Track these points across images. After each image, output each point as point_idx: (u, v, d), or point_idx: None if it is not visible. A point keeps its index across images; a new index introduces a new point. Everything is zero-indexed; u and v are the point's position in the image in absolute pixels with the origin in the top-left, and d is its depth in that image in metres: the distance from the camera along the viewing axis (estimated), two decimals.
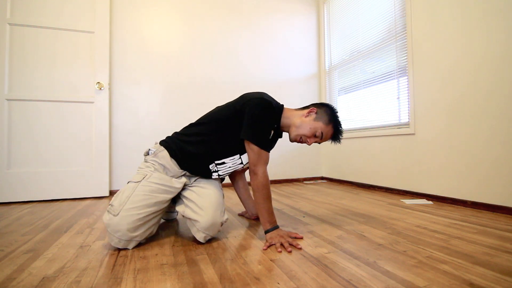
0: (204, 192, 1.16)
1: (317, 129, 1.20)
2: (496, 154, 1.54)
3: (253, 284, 0.77)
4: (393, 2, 2.24)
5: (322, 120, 1.20)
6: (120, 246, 1.03)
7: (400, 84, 2.18)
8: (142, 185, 1.09)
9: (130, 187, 1.09)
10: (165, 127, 2.55)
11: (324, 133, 1.21)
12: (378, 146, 2.37)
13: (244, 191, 1.49)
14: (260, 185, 1.11)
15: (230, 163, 1.24)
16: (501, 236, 1.13)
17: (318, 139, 1.22)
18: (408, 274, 0.80)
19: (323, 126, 1.20)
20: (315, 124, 1.20)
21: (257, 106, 1.12)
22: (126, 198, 1.05)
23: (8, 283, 0.79)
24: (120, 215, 1.01)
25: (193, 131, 1.23)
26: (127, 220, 1.01)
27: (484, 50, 1.59)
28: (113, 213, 1.02)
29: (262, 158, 1.13)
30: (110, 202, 1.09)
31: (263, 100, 1.13)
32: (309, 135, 1.20)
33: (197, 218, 1.08)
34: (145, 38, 2.52)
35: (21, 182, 2.07)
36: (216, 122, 1.20)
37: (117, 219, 1.01)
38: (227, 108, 1.22)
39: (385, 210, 1.63)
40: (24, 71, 2.12)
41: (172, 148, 1.20)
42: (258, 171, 1.12)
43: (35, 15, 2.15)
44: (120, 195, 1.07)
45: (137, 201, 1.05)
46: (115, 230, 1.01)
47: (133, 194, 1.06)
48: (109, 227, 1.01)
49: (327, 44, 3.12)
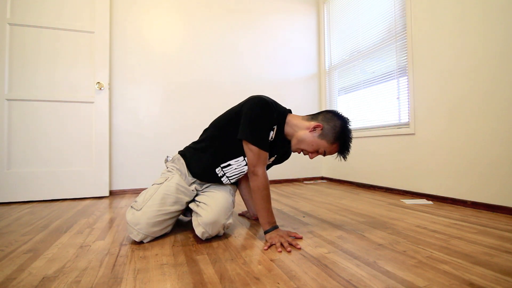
0: (214, 195, 1.20)
1: (320, 147, 1.14)
2: (496, 154, 1.54)
3: (253, 284, 0.77)
4: (393, 2, 2.23)
5: (327, 139, 1.13)
6: (138, 239, 1.10)
7: (400, 84, 2.18)
8: (164, 185, 1.18)
9: (154, 187, 1.19)
10: (165, 127, 2.55)
11: (327, 151, 1.16)
12: (378, 146, 2.37)
13: (247, 192, 1.50)
14: (261, 185, 1.11)
15: (235, 165, 1.24)
16: (501, 236, 1.13)
17: (321, 154, 1.19)
18: (408, 274, 0.80)
19: (326, 145, 1.14)
20: (318, 142, 1.14)
21: (253, 105, 1.11)
22: (149, 196, 1.15)
23: (8, 283, 0.79)
24: (142, 210, 1.11)
25: (202, 137, 1.29)
26: (148, 215, 1.10)
27: (484, 50, 1.59)
28: (136, 208, 1.12)
29: (261, 158, 1.12)
30: (135, 199, 1.19)
31: (260, 99, 1.12)
32: (311, 151, 1.16)
33: (200, 212, 1.12)
34: (145, 38, 2.52)
35: (21, 182, 2.07)
36: (218, 126, 1.24)
37: (139, 213, 1.10)
38: (229, 112, 1.24)
39: (385, 210, 1.63)
40: (24, 71, 2.12)
41: (186, 156, 1.29)
42: (257, 172, 1.12)
43: (35, 15, 2.15)
44: (144, 193, 1.17)
45: (159, 199, 1.14)
46: (136, 223, 1.09)
47: (156, 193, 1.16)
48: (131, 220, 1.10)
49: (327, 44, 3.12)
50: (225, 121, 1.22)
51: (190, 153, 1.29)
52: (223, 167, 1.23)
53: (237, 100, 2.79)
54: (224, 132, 1.20)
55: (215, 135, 1.23)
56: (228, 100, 2.76)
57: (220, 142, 1.21)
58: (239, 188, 1.49)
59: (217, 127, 1.24)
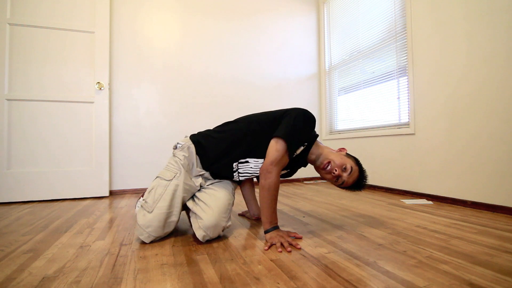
0: (215, 194, 1.18)
1: (347, 163, 1.20)
2: (496, 154, 1.54)
3: (253, 284, 0.77)
4: (393, 2, 2.23)
5: (352, 159, 1.24)
6: (148, 241, 1.10)
7: (400, 84, 2.18)
8: (173, 184, 1.14)
9: (162, 184, 1.14)
10: (165, 126, 2.55)
11: (353, 170, 1.20)
12: (378, 146, 2.37)
13: (250, 192, 1.50)
14: (272, 185, 1.11)
15: (253, 164, 1.23)
16: (501, 236, 1.13)
17: (345, 174, 1.20)
18: (408, 274, 0.80)
19: (353, 164, 1.22)
20: (346, 159, 1.22)
21: (300, 114, 1.18)
22: (159, 196, 1.12)
23: (8, 283, 0.79)
24: (154, 212, 1.09)
25: (230, 127, 1.27)
26: (159, 217, 1.09)
27: (485, 49, 1.59)
28: (147, 210, 1.10)
29: (282, 160, 1.13)
30: (143, 197, 1.16)
31: (308, 112, 1.20)
32: (339, 164, 1.20)
33: (202, 215, 1.11)
34: (145, 38, 2.52)
35: (21, 182, 2.07)
36: (255, 123, 1.24)
37: (151, 216, 1.09)
38: (268, 114, 1.26)
39: (385, 210, 1.63)
40: (24, 71, 2.12)
41: (201, 143, 1.24)
42: (273, 170, 1.11)
43: (35, 15, 2.15)
44: (153, 192, 1.13)
45: (169, 200, 1.12)
46: (147, 226, 1.08)
47: (165, 193, 1.12)
48: (142, 222, 1.08)
49: (327, 44, 3.12)
50: (263, 122, 1.23)
51: (207, 141, 1.24)
52: (241, 162, 1.23)
53: (237, 100, 2.80)
54: (259, 132, 1.21)
55: (251, 129, 1.22)
56: (228, 100, 2.77)
57: (253, 137, 1.21)
58: (242, 187, 1.49)
59: (255, 123, 1.23)
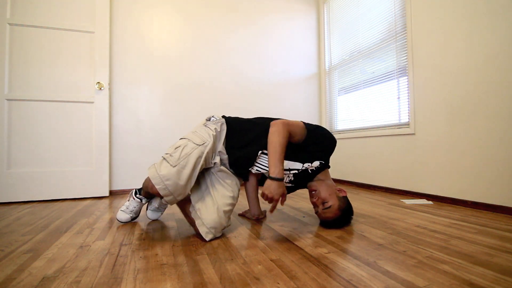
0: (223, 191, 1.22)
1: (330, 200, 1.22)
2: (496, 154, 1.54)
3: (253, 284, 0.77)
4: (393, 2, 2.23)
5: (341, 202, 1.24)
6: (163, 193, 1.08)
7: (400, 84, 2.18)
8: (199, 150, 1.16)
9: (190, 146, 1.16)
10: (165, 127, 2.55)
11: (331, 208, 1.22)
12: (378, 146, 2.37)
13: (253, 190, 1.50)
14: (281, 127, 1.14)
15: None
16: (501, 236, 1.13)
17: (321, 206, 1.24)
18: (408, 274, 0.80)
19: (336, 204, 1.22)
20: (332, 198, 1.23)
21: (330, 135, 1.30)
22: (185, 155, 1.12)
23: (8, 283, 0.79)
24: (177, 168, 1.09)
25: (263, 120, 1.32)
26: (180, 176, 1.09)
27: (484, 49, 1.59)
28: (171, 163, 1.10)
29: (294, 127, 1.19)
30: (167, 151, 1.17)
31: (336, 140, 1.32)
32: (322, 197, 1.24)
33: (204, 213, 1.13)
34: (145, 38, 2.52)
35: (21, 182, 2.07)
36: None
37: (174, 170, 1.08)
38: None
39: (385, 210, 1.63)
40: (24, 71, 2.12)
41: (232, 126, 1.29)
42: (281, 124, 1.15)
43: (35, 15, 2.15)
44: (180, 149, 1.14)
45: (193, 162, 1.12)
46: (167, 178, 1.07)
47: (192, 154, 1.13)
48: (164, 173, 1.07)
49: (327, 44, 3.12)
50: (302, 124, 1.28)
51: (239, 125, 1.30)
52: (263, 153, 1.26)
53: (237, 100, 2.80)
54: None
55: None
56: (228, 100, 2.76)
57: None
58: (246, 184, 1.49)
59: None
